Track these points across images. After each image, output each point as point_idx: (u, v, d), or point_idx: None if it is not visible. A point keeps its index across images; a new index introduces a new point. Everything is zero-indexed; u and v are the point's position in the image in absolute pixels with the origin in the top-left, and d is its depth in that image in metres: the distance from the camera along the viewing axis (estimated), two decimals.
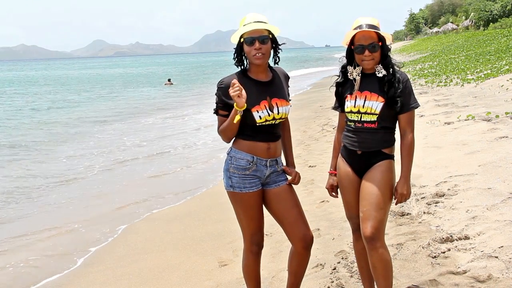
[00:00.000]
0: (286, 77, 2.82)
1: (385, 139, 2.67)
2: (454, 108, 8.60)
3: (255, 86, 2.64)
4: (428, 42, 47.92)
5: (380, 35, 2.60)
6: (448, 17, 66.96)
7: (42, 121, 16.36)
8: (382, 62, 2.64)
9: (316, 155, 7.37)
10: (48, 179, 8.05)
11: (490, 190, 4.23)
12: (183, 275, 4.00)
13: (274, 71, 2.77)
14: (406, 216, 4.24)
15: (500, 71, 12.11)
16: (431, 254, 3.40)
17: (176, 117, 16.33)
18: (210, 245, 4.58)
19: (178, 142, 11.25)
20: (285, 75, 2.82)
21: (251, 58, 2.61)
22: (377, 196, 2.58)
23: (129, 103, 21.91)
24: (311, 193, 5.51)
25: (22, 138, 12.67)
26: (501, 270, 3.00)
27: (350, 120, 2.72)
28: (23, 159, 9.87)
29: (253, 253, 2.80)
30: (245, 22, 2.61)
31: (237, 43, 2.66)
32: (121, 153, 10.30)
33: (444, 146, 6.11)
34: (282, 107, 2.66)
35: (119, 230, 5.40)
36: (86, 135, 13.11)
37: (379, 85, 2.63)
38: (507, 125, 6.42)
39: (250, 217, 2.72)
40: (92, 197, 6.99)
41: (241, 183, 2.66)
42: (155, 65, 79.14)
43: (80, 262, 4.63)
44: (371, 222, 2.53)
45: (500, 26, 39.40)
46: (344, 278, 3.35)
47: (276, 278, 3.57)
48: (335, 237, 4.14)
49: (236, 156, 2.68)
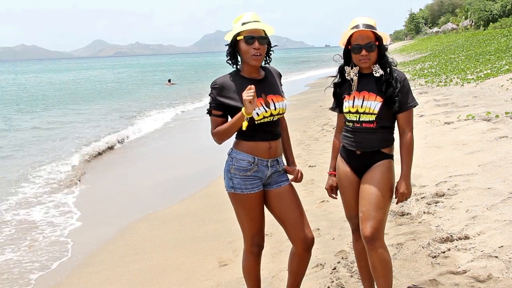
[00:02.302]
0: (278, 75, 2.82)
1: (384, 139, 2.67)
2: (454, 108, 8.59)
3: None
4: (428, 42, 47.93)
5: (377, 35, 2.60)
6: (448, 17, 66.97)
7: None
8: (379, 61, 2.64)
9: (316, 155, 7.37)
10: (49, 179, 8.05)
11: (490, 190, 4.23)
12: (183, 275, 4.00)
13: (266, 69, 2.77)
14: (406, 216, 4.24)
15: (500, 71, 12.11)
16: (431, 254, 3.40)
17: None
18: (210, 245, 4.58)
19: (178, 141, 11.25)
20: (277, 73, 2.82)
21: (248, 58, 2.58)
22: (376, 196, 2.58)
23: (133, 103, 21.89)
24: (311, 193, 5.51)
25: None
26: (501, 270, 3.00)
27: (349, 121, 2.72)
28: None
29: (254, 253, 2.79)
30: (243, 20, 2.58)
31: (230, 41, 2.62)
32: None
33: (444, 146, 6.11)
34: (278, 103, 2.66)
35: (119, 230, 5.39)
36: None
37: (376, 85, 2.63)
38: (507, 125, 6.41)
39: (251, 218, 2.71)
40: (92, 197, 6.99)
41: (242, 184, 2.65)
42: (149, 67, 76.01)
43: (80, 262, 4.63)
44: (371, 222, 2.53)
45: (500, 26, 39.40)
46: (344, 278, 3.35)
47: (276, 278, 3.57)
48: (335, 237, 4.14)
49: (237, 157, 2.67)
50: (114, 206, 6.50)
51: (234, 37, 2.60)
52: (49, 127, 14.71)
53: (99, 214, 6.15)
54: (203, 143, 10.65)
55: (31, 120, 16.60)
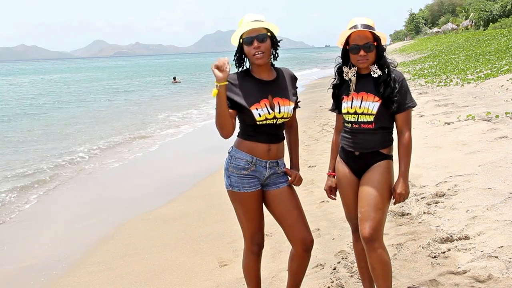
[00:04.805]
0: (292, 78, 2.78)
1: (382, 140, 2.67)
2: (454, 108, 8.59)
3: (256, 85, 2.64)
4: (428, 42, 47.89)
5: (375, 35, 2.60)
6: (448, 17, 66.98)
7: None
8: (377, 62, 2.64)
9: (316, 155, 7.37)
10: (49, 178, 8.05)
11: (490, 190, 4.23)
12: (183, 275, 4.00)
13: (279, 71, 2.75)
14: (406, 216, 4.24)
15: (500, 71, 12.10)
16: (431, 254, 3.41)
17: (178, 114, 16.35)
18: (210, 245, 4.58)
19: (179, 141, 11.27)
20: (291, 76, 2.78)
21: (252, 58, 2.61)
22: (375, 196, 2.58)
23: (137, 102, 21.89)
24: (311, 193, 5.51)
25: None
26: (501, 270, 3.00)
27: (347, 121, 2.72)
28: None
29: (254, 253, 2.80)
30: (243, 22, 2.61)
31: (237, 45, 2.66)
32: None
33: (444, 146, 6.11)
34: (284, 107, 2.64)
35: (119, 230, 5.39)
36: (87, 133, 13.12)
37: (375, 86, 2.63)
38: (507, 125, 6.41)
39: (249, 217, 2.72)
40: (92, 197, 6.99)
41: (240, 182, 2.66)
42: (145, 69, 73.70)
43: (80, 262, 4.62)
44: (369, 223, 2.53)
45: (500, 26, 39.36)
46: (344, 278, 3.35)
47: (276, 278, 3.57)
48: (335, 237, 4.15)
49: (236, 155, 2.68)
50: (114, 205, 6.49)
51: (239, 40, 2.63)
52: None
53: (99, 213, 6.15)
54: (205, 142, 10.66)
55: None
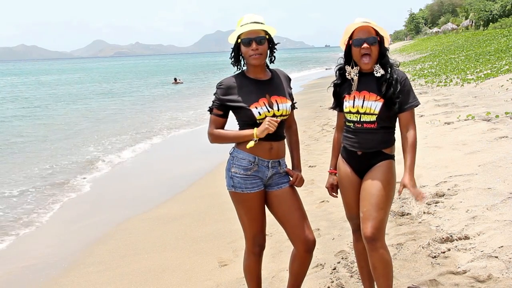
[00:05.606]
0: (286, 78, 2.81)
1: (385, 139, 2.67)
2: (454, 108, 8.59)
3: (254, 85, 2.65)
4: (428, 42, 47.90)
5: (378, 33, 2.61)
6: (448, 17, 66.95)
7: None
8: (380, 61, 2.64)
9: (316, 155, 7.37)
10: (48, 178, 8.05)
11: (490, 190, 4.23)
12: (183, 275, 4.00)
13: (273, 71, 2.78)
14: (406, 216, 4.24)
15: (500, 71, 12.11)
16: (431, 254, 3.41)
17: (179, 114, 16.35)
18: (210, 245, 4.58)
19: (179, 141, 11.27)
20: (285, 76, 2.81)
21: (248, 59, 2.62)
22: (377, 196, 2.57)
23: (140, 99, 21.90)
24: (311, 193, 5.51)
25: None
26: (501, 270, 3.00)
27: (349, 121, 2.72)
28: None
29: (255, 253, 2.80)
30: (242, 22, 2.63)
31: (234, 43, 2.67)
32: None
33: (444, 146, 6.11)
34: (282, 104, 2.66)
35: (118, 230, 5.40)
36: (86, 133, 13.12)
37: (377, 85, 2.62)
38: (507, 125, 6.41)
39: (251, 217, 2.72)
40: (92, 197, 7.00)
41: (243, 183, 2.66)
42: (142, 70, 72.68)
43: (80, 262, 4.63)
44: (371, 223, 2.53)
45: (500, 26, 39.37)
46: (344, 278, 3.35)
47: (276, 278, 3.57)
48: (335, 237, 4.14)
49: (238, 156, 2.68)
50: (114, 205, 6.50)
51: (237, 39, 2.64)
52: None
53: (99, 213, 6.15)
54: (205, 142, 10.67)
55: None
